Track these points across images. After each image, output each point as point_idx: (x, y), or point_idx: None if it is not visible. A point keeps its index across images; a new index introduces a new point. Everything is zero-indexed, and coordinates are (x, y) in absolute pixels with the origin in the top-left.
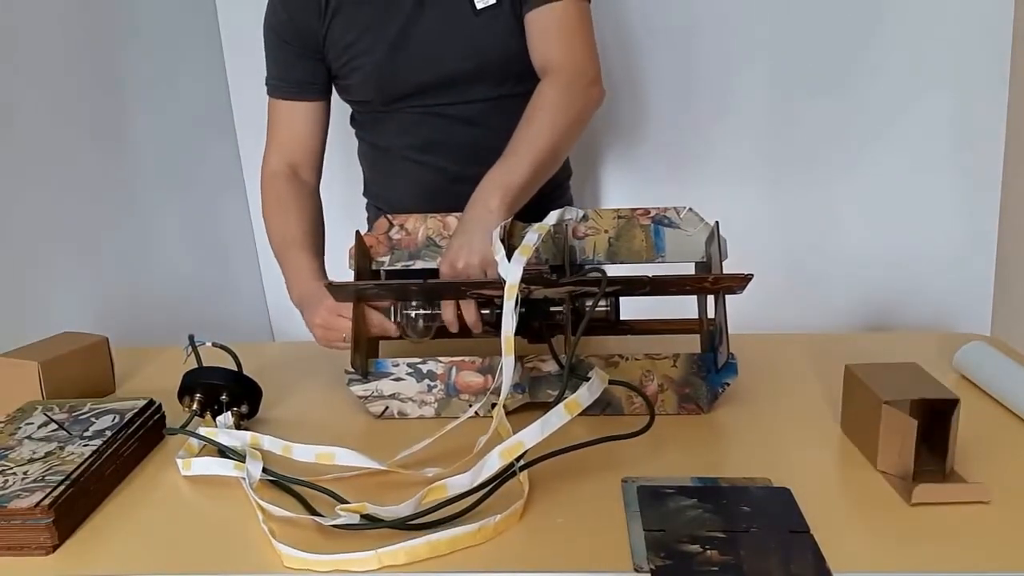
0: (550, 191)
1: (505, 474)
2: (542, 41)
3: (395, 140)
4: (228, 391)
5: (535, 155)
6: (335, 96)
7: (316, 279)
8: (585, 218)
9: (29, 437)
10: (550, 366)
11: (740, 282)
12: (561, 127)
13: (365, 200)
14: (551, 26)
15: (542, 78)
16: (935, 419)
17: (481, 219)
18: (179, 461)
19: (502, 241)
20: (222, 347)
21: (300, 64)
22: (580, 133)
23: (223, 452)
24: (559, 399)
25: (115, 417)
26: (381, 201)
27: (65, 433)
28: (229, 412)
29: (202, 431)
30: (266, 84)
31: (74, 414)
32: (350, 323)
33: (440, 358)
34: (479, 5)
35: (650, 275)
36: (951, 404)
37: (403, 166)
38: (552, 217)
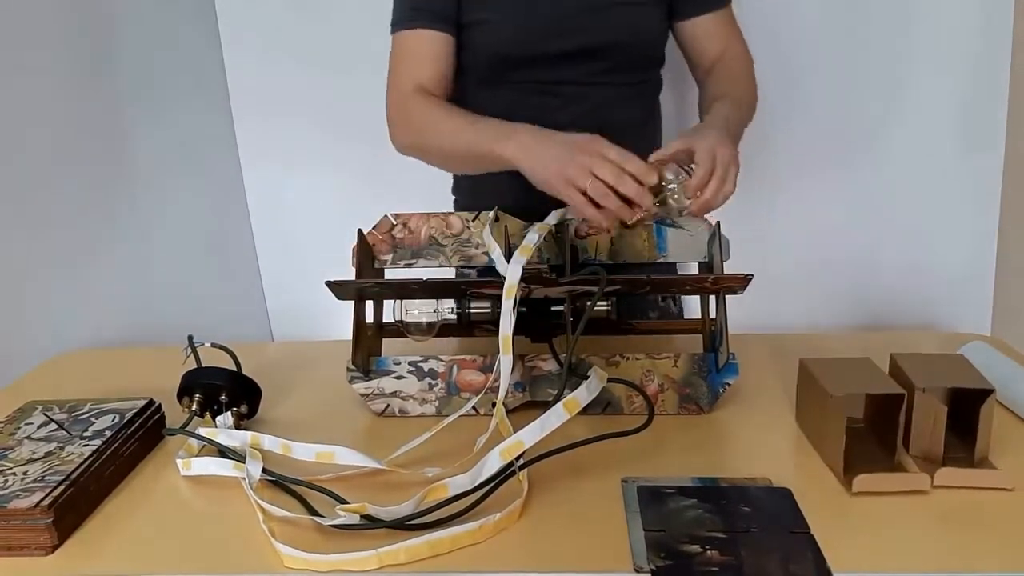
0: None
1: (505, 473)
2: (720, 40)
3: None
4: (227, 391)
5: (741, 116)
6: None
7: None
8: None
9: (29, 437)
10: (551, 365)
11: (740, 282)
12: (747, 114)
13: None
14: (733, 30)
15: (725, 60)
16: (965, 410)
17: (724, 134)
18: (179, 461)
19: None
20: (221, 347)
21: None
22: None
23: (223, 452)
24: (558, 398)
25: (115, 417)
26: (467, 196)
27: (65, 433)
28: (229, 412)
29: (202, 431)
30: (393, 24)
31: (74, 414)
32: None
33: (441, 356)
34: None
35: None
36: (984, 394)
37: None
38: (553, 216)
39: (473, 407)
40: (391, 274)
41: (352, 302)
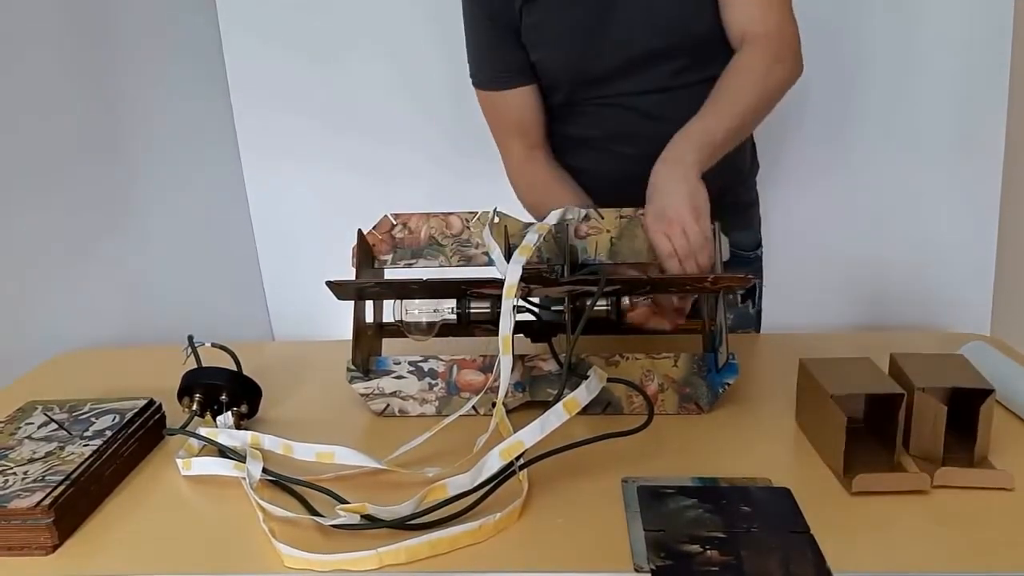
0: (737, 186)
1: (505, 473)
2: (743, 9)
3: (582, 132)
4: (228, 391)
5: (734, 115)
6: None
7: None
8: (587, 218)
9: (29, 437)
10: (551, 365)
11: (740, 283)
12: (761, 92)
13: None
14: (763, 3)
15: (741, 47)
16: (965, 410)
17: (677, 175)
18: (179, 461)
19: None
20: (222, 347)
21: (506, 53)
22: (774, 105)
23: (223, 452)
24: (558, 398)
25: (115, 417)
26: None
27: (65, 433)
28: (229, 412)
29: (202, 431)
30: (477, 83)
31: (74, 414)
32: None
33: (441, 356)
34: None
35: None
36: (983, 394)
37: (590, 157)
38: (553, 216)
39: (473, 407)
40: (391, 274)
41: (352, 302)
